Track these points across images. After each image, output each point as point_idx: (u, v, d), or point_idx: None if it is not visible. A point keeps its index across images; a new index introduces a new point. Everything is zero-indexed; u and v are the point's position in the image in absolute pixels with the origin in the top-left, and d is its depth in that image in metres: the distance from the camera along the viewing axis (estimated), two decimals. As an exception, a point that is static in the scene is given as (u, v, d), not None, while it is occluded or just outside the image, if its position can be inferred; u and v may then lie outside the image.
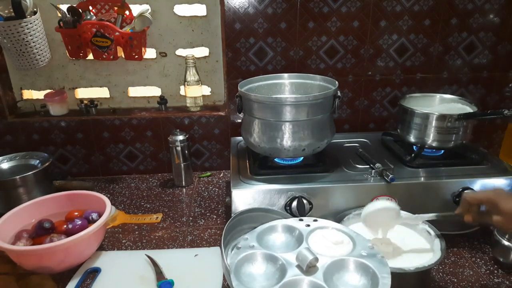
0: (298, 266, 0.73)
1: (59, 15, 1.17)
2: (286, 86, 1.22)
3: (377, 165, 1.03)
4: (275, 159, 1.12)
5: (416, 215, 0.85)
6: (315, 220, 0.85)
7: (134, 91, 1.36)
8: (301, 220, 0.86)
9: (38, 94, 1.35)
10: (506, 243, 0.85)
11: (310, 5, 1.23)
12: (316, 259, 0.72)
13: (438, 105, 1.22)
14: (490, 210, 0.74)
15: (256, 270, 0.75)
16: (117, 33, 1.17)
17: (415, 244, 0.85)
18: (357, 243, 0.78)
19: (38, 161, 1.17)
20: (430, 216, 0.83)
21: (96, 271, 0.89)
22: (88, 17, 1.20)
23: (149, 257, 0.92)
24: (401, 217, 0.85)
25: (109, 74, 1.32)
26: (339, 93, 1.04)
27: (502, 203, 0.72)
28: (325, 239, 0.79)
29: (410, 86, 1.36)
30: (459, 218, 0.79)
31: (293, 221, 0.86)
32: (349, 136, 1.32)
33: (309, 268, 0.71)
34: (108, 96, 1.36)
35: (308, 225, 0.84)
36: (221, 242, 0.79)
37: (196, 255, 0.94)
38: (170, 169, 1.33)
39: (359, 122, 1.40)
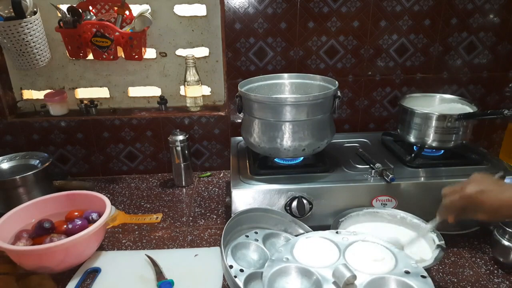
0: (335, 283, 0.68)
1: (59, 15, 1.17)
2: (286, 86, 1.22)
3: (377, 165, 1.03)
4: (275, 159, 1.12)
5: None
6: (354, 234, 0.81)
7: (134, 91, 1.36)
8: (338, 233, 0.82)
9: (38, 94, 1.35)
10: (506, 243, 0.85)
11: (310, 5, 1.23)
12: (354, 277, 0.67)
13: (438, 105, 1.22)
14: (472, 208, 0.74)
15: (290, 285, 0.71)
16: (117, 33, 1.17)
17: (418, 251, 0.84)
18: (399, 260, 0.73)
19: (38, 161, 1.17)
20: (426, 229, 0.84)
21: (96, 271, 0.89)
22: (88, 17, 1.20)
23: (149, 257, 0.92)
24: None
25: (109, 74, 1.32)
26: (339, 93, 1.04)
27: (485, 201, 0.72)
28: (365, 254, 0.75)
29: (410, 86, 1.36)
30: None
31: (329, 234, 0.82)
32: (349, 136, 1.32)
33: (346, 286, 0.67)
34: (108, 96, 1.36)
35: (346, 239, 0.80)
36: (221, 242, 0.78)
37: (196, 255, 0.94)
38: (170, 169, 1.33)
39: (359, 122, 1.40)
